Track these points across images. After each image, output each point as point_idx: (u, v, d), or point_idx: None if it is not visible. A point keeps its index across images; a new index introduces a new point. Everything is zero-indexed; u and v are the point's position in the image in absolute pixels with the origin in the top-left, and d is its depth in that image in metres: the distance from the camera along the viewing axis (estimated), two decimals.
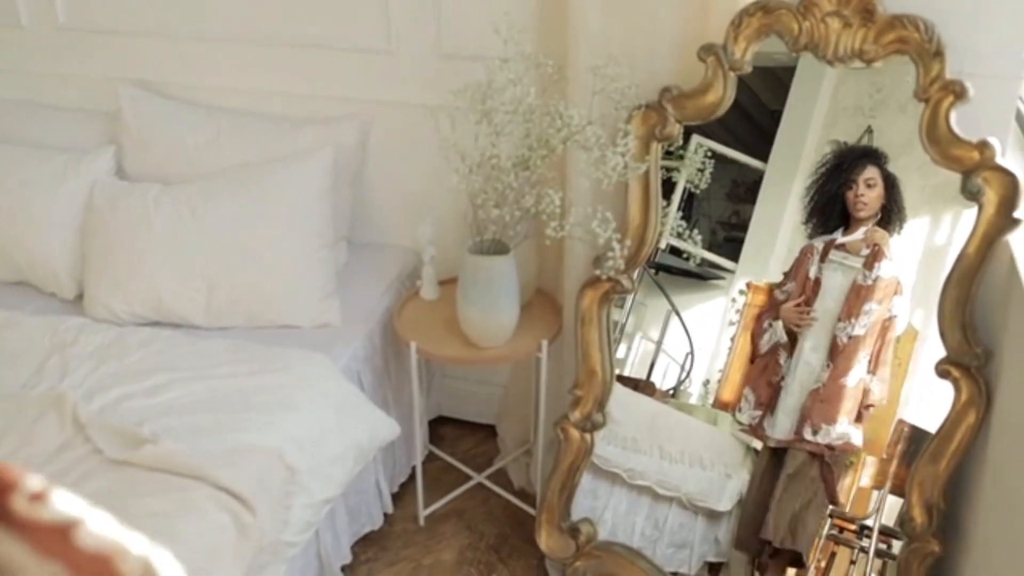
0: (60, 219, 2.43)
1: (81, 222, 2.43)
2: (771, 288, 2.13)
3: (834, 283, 2.05)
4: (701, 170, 2.14)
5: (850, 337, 2.01)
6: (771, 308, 2.12)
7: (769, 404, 2.10)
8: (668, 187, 2.16)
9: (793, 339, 2.09)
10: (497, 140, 2.03)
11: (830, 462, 2.05)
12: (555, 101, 2.01)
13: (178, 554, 0.78)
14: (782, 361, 2.10)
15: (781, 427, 2.08)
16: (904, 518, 1.96)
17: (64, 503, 0.71)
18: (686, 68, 2.04)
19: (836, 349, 2.03)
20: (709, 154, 2.14)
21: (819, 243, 2.07)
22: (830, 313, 2.05)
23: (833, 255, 2.05)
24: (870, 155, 2.02)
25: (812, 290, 2.07)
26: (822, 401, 2.03)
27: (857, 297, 2.01)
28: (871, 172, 2.02)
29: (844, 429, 2.01)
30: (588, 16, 2.06)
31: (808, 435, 2.03)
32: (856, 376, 2.01)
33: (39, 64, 2.76)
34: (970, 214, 1.86)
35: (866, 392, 2.01)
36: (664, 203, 2.13)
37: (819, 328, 2.06)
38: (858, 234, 2.03)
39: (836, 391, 2.02)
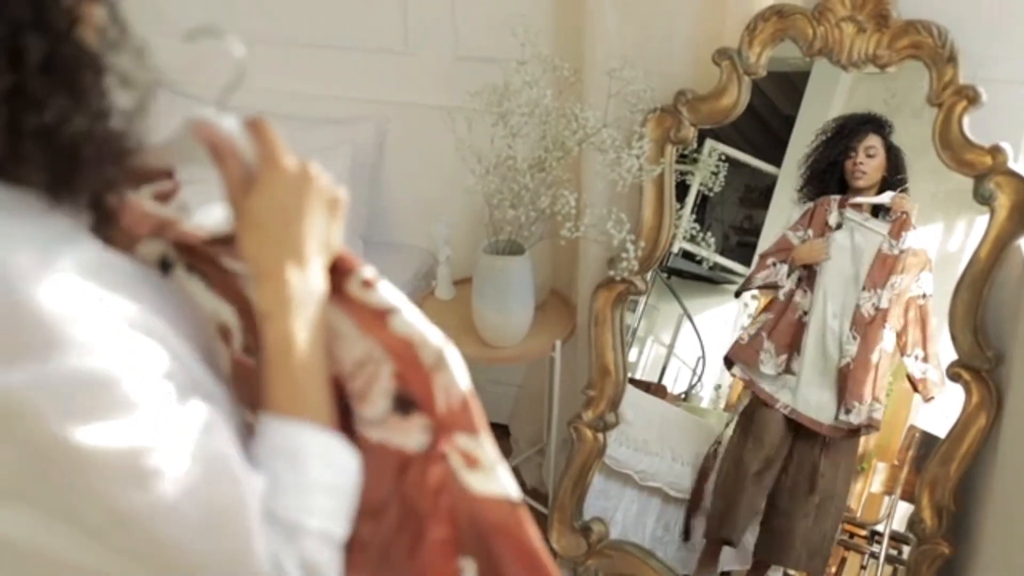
0: None
1: None
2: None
3: (849, 243, 2.04)
4: (715, 173, 2.15)
5: (877, 309, 2.00)
6: (779, 251, 2.10)
7: (793, 344, 2.07)
8: (681, 190, 2.17)
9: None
10: (513, 142, 2.04)
11: (830, 446, 2.06)
12: (571, 103, 2.02)
13: None
14: (798, 298, 2.07)
15: (807, 401, 2.06)
16: (914, 520, 1.97)
17: (387, 292, 0.86)
18: (701, 72, 2.06)
19: (861, 320, 2.01)
20: (723, 158, 2.15)
21: (835, 199, 2.05)
22: (846, 275, 2.04)
23: (850, 214, 2.04)
24: (873, 123, 2.01)
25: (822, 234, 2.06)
26: (853, 378, 2.01)
27: (883, 267, 2.00)
28: (873, 141, 2.01)
29: (871, 406, 2.00)
30: (604, 19, 2.08)
31: (843, 415, 2.01)
32: (881, 351, 2.00)
33: None
34: (983, 219, 1.87)
35: (923, 383, 1.99)
36: (677, 206, 2.14)
37: (838, 291, 2.05)
38: (884, 197, 2.01)
39: (864, 366, 2.01)
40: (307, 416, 0.84)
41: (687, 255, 2.21)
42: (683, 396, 2.31)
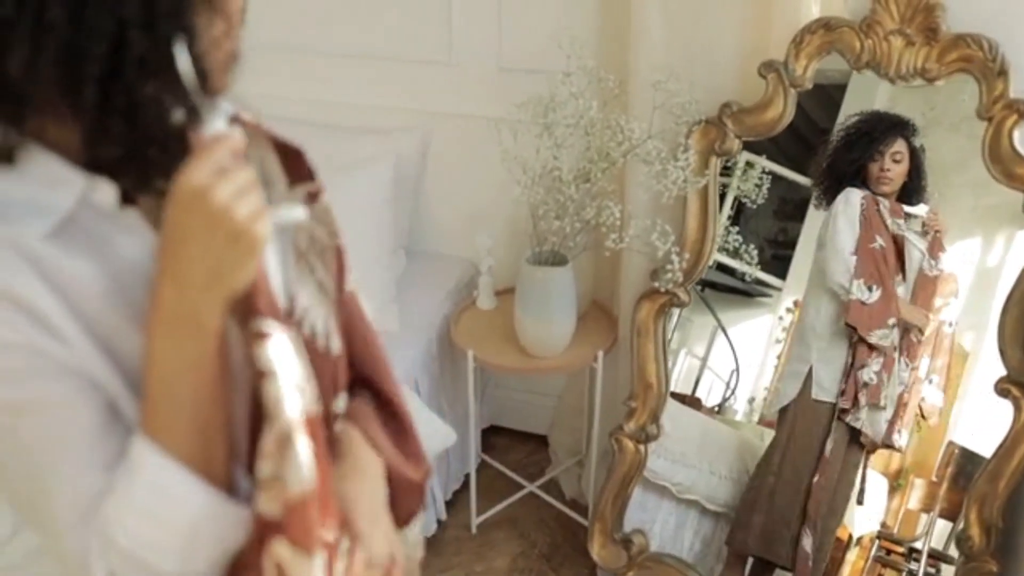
0: None
1: None
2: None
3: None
4: (759, 186, 2.14)
5: (923, 333, 1.97)
6: (886, 299, 1.96)
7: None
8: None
9: None
10: (559, 153, 2.06)
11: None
12: (616, 115, 2.03)
13: None
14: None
15: (870, 418, 2.02)
16: (961, 537, 1.95)
17: (275, 351, 0.82)
18: (746, 84, 2.06)
19: (912, 347, 1.98)
20: (765, 171, 2.14)
21: (884, 202, 2.00)
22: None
23: (901, 224, 2.00)
24: (900, 126, 1.98)
25: (895, 253, 1.99)
26: (906, 404, 2.00)
27: (926, 289, 1.98)
28: (899, 146, 1.98)
29: (907, 433, 2.00)
30: (650, 31, 2.08)
31: (898, 441, 1.99)
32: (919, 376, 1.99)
33: None
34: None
35: (933, 408, 1.98)
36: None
37: None
38: (920, 209, 1.99)
39: (915, 392, 1.99)
40: (158, 438, 0.81)
41: (721, 267, 2.20)
42: (717, 409, 2.30)
